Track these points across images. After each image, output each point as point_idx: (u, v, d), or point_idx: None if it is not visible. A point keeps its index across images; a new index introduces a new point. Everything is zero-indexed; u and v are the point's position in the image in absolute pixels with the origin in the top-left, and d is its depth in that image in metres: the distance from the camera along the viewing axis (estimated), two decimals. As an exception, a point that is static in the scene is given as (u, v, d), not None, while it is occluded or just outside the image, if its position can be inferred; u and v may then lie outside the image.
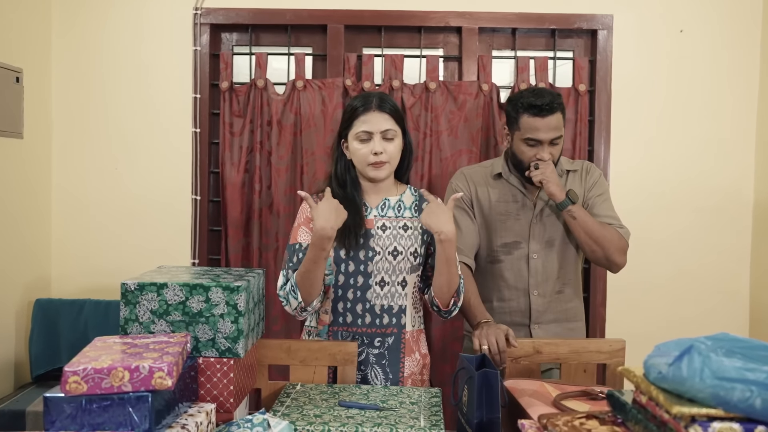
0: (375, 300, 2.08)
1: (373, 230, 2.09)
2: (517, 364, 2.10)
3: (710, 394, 1.08)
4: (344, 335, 2.09)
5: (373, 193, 2.14)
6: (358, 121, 2.04)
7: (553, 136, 2.25)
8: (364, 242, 2.07)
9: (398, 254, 2.09)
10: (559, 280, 2.41)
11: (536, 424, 1.41)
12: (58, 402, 1.33)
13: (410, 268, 2.11)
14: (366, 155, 2.03)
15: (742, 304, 3.06)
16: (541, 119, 2.23)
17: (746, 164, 3.03)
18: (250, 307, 1.76)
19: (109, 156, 3.06)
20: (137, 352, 1.44)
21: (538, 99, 2.23)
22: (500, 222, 2.39)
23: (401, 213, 2.14)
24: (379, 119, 2.03)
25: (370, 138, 2.03)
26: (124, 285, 1.68)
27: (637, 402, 1.28)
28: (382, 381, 2.09)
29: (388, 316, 2.09)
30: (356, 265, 2.07)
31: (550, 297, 2.40)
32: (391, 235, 2.10)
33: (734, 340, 1.25)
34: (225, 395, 1.68)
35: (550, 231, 2.39)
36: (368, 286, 2.07)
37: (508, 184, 2.41)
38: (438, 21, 3.01)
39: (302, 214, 2.12)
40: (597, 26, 3.00)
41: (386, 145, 2.03)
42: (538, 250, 2.38)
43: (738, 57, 3.01)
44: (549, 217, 2.39)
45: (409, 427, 1.59)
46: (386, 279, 2.08)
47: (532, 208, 2.39)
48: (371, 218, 2.11)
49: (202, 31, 3.02)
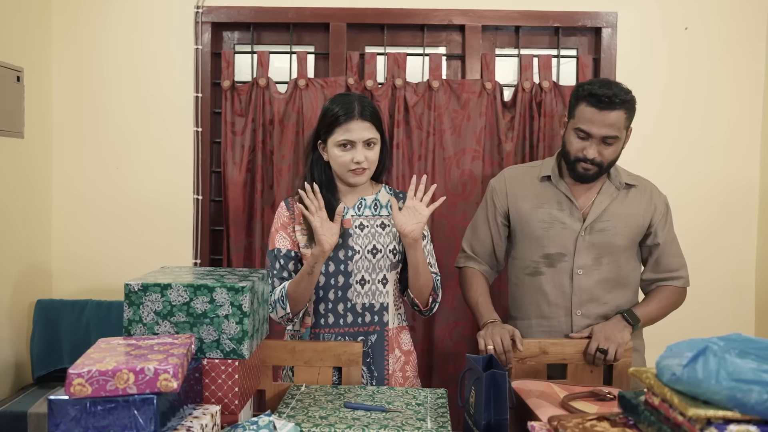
0: (356, 299, 2.09)
1: (351, 229, 2.10)
2: (524, 364, 2.09)
3: (726, 396, 1.07)
4: (327, 337, 2.10)
5: (349, 193, 2.15)
6: (340, 129, 2.03)
7: (606, 134, 2.06)
8: (342, 242, 2.08)
9: (377, 252, 2.10)
10: (608, 304, 2.20)
11: (546, 426, 1.39)
12: (62, 405, 1.31)
13: (390, 265, 2.12)
14: (347, 163, 2.04)
15: (748, 300, 3.05)
16: (598, 111, 2.04)
17: (752, 161, 3.01)
18: (254, 308, 1.74)
19: (111, 156, 3.04)
20: (142, 353, 1.43)
21: (601, 89, 2.05)
22: (543, 230, 2.21)
23: (378, 211, 2.16)
24: (361, 128, 2.03)
25: (352, 146, 2.04)
26: (127, 286, 1.66)
27: (649, 404, 1.26)
28: (368, 379, 2.10)
29: (370, 314, 2.11)
30: (336, 264, 2.08)
31: (595, 321, 2.19)
32: (369, 234, 2.11)
33: (747, 340, 1.24)
34: (230, 397, 1.66)
35: (602, 246, 2.19)
36: (349, 285, 2.08)
37: (555, 189, 2.23)
38: (441, 19, 2.98)
39: (278, 219, 2.14)
40: (601, 24, 2.98)
41: (367, 152, 2.05)
42: (584, 265, 2.19)
43: (743, 54, 2.99)
44: (603, 232, 2.19)
45: (415, 428, 1.58)
46: (366, 277, 2.10)
47: (581, 218, 2.20)
48: (348, 218, 2.12)
49: (203, 29, 3.00)
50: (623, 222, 2.20)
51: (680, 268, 2.26)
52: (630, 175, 2.28)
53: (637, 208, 2.22)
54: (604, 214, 2.20)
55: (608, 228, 2.19)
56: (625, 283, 2.24)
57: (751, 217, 3.02)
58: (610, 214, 2.20)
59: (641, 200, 2.23)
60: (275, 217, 2.15)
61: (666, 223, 2.25)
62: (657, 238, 2.23)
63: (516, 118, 2.94)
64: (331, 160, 2.09)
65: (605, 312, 2.20)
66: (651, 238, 2.24)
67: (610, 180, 2.23)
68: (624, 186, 2.23)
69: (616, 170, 2.23)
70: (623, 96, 2.06)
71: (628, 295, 2.25)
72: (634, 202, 2.23)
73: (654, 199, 2.24)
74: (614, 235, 2.19)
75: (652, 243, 2.24)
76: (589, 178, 2.16)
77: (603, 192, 2.21)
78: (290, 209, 2.14)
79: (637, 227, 2.22)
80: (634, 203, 2.22)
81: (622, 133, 2.10)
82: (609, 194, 2.21)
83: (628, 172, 2.29)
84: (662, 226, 2.23)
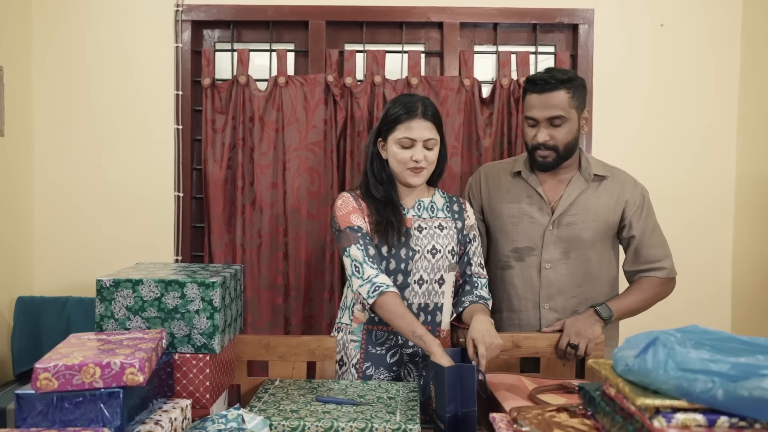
0: (413, 298, 2.08)
1: (412, 230, 2.10)
2: (497, 358, 2.10)
3: (674, 386, 1.09)
4: (378, 335, 2.10)
5: (407, 195, 2.15)
6: (402, 127, 2.04)
7: (549, 115, 2.10)
8: (405, 241, 2.07)
9: (437, 252, 2.10)
10: (576, 297, 2.23)
11: (507, 417, 1.42)
12: (29, 399, 1.33)
13: (448, 266, 2.12)
14: (406, 160, 2.04)
15: (724, 296, 3.09)
16: (538, 95, 2.11)
17: (728, 156, 3.04)
18: (226, 303, 1.76)
19: (92, 153, 3.05)
20: (110, 348, 1.44)
21: (539, 75, 2.12)
22: (512, 225, 2.25)
23: (435, 213, 2.16)
24: (423, 128, 2.04)
25: (413, 145, 2.04)
26: (99, 281, 1.68)
27: (606, 394, 1.29)
28: (415, 379, 2.08)
29: (424, 314, 2.10)
30: (397, 263, 2.07)
31: (563, 314, 2.22)
32: (429, 235, 2.11)
33: (704, 332, 1.26)
34: (201, 391, 1.68)
35: (569, 240, 2.21)
36: (407, 285, 2.07)
37: (526, 184, 2.26)
38: (419, 16, 3.01)
39: (347, 205, 2.11)
40: (578, 21, 3.01)
41: (427, 153, 2.05)
42: (551, 259, 2.22)
43: (718, 50, 3.02)
44: (570, 226, 2.21)
45: (384, 421, 1.60)
46: (425, 277, 2.09)
47: (549, 212, 2.23)
48: (409, 217, 2.12)
49: (183, 27, 3.01)
50: (591, 215, 2.21)
51: (662, 259, 2.24)
52: (604, 166, 2.28)
53: (607, 200, 2.23)
54: (572, 208, 2.21)
55: (576, 222, 2.21)
56: (595, 277, 2.25)
57: (727, 212, 3.06)
58: (578, 207, 2.21)
59: (612, 193, 2.23)
60: (342, 204, 2.10)
61: (642, 215, 2.23)
62: (632, 230, 2.23)
63: (494, 114, 2.96)
64: (390, 158, 2.09)
65: (574, 306, 2.23)
66: (626, 231, 2.24)
67: (580, 172, 2.24)
68: (593, 178, 2.23)
69: (587, 161, 2.24)
70: (560, 76, 2.10)
71: (599, 289, 2.26)
72: (604, 194, 2.23)
73: (627, 191, 2.24)
74: (581, 229, 2.21)
75: (628, 235, 2.24)
76: (549, 165, 2.18)
77: (572, 185, 2.22)
78: (357, 201, 2.11)
79: (607, 221, 2.22)
80: (604, 196, 2.23)
81: (569, 114, 2.12)
82: (578, 187, 2.22)
83: (602, 164, 2.29)
84: (637, 218, 2.23)
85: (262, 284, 3.00)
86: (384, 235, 2.04)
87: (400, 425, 1.57)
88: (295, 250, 2.97)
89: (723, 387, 1.05)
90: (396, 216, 2.06)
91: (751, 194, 2.93)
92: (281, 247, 2.99)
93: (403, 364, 2.09)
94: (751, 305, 2.94)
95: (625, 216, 2.23)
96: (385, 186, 2.11)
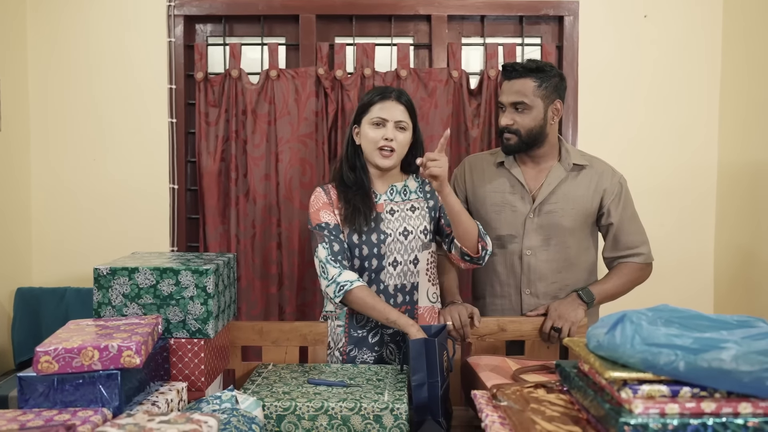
0: (389, 280, 2.15)
1: (383, 214, 2.17)
2: (483, 341, 2.18)
3: (640, 360, 1.16)
4: (359, 318, 2.16)
5: (380, 180, 2.22)
6: (375, 107, 2.14)
7: (513, 100, 2.20)
8: (375, 226, 2.14)
9: (409, 234, 2.17)
10: (557, 283, 2.30)
11: (487, 394, 1.49)
12: (30, 381, 1.40)
13: (421, 245, 2.19)
14: (377, 139, 2.12)
15: (706, 286, 3.15)
16: (507, 81, 2.22)
17: (710, 145, 3.10)
18: (219, 290, 1.82)
19: (88, 146, 3.10)
20: (108, 333, 1.51)
21: (512, 62, 2.25)
22: (495, 213, 2.32)
23: (407, 196, 2.23)
24: (396, 109, 2.13)
25: (384, 124, 2.12)
26: (96, 270, 1.74)
27: (580, 370, 1.36)
28: (398, 358, 2.15)
29: (402, 294, 2.16)
30: (369, 248, 2.13)
31: (544, 299, 2.29)
32: (400, 217, 2.18)
33: (673, 310, 1.33)
34: (196, 374, 1.75)
35: (549, 228, 2.28)
36: (382, 268, 2.14)
37: (509, 173, 2.33)
38: (408, 9, 3.06)
39: (318, 201, 2.18)
40: (563, 12, 3.06)
41: (397, 133, 2.13)
42: (532, 246, 2.29)
43: (701, 41, 3.08)
44: (550, 214, 2.28)
45: (373, 401, 1.66)
46: (399, 259, 2.15)
47: (531, 200, 2.29)
48: (380, 203, 2.19)
49: (176, 22, 3.06)
50: (570, 204, 2.27)
51: (640, 245, 2.31)
52: (584, 156, 2.35)
53: (586, 189, 2.29)
54: (552, 197, 2.28)
55: (555, 210, 2.27)
56: (575, 263, 2.32)
57: (709, 200, 3.12)
58: (558, 196, 2.28)
59: (591, 182, 2.30)
60: (313, 200, 2.19)
61: (620, 203, 2.30)
62: (611, 218, 2.29)
63: (482, 105, 3.02)
64: (363, 140, 2.17)
65: (554, 291, 2.30)
66: (605, 218, 2.31)
67: (560, 162, 2.30)
68: (573, 167, 2.30)
69: (566, 151, 2.31)
70: (529, 65, 2.20)
71: (578, 275, 2.33)
72: (583, 183, 2.30)
73: (605, 180, 2.30)
74: (561, 216, 2.27)
75: (607, 222, 2.31)
76: (513, 148, 2.27)
77: (552, 174, 2.29)
78: (328, 194, 2.19)
79: (586, 209, 2.29)
80: (583, 184, 2.29)
81: (533, 102, 2.20)
82: (557, 176, 2.28)
83: (582, 154, 2.36)
84: (615, 206, 2.29)
85: (256, 274, 3.06)
86: (353, 222, 2.11)
87: (387, 404, 1.64)
88: (288, 240, 3.03)
89: (684, 359, 1.12)
90: (365, 202, 2.14)
91: (732, 185, 2.99)
92: (274, 237, 3.05)
93: (384, 344, 2.16)
94: (733, 295, 2.99)
95: (603, 204, 2.30)
96: (357, 173, 2.18)
